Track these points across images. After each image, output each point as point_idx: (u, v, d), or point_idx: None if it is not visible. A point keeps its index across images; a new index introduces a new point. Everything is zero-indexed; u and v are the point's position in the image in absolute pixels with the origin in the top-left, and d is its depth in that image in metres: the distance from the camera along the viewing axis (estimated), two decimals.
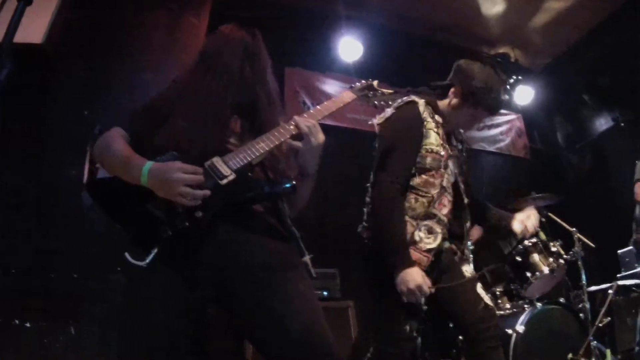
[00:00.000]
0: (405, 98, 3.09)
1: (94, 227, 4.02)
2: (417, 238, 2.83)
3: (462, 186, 3.13)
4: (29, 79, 4.38)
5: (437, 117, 3.05)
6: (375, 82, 2.48)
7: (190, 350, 2.16)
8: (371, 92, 2.43)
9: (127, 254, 1.92)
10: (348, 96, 2.36)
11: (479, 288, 2.94)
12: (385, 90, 2.47)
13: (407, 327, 2.80)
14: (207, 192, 1.90)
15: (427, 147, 2.92)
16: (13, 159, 4.32)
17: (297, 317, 1.91)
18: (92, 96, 4.69)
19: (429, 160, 2.90)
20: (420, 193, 2.89)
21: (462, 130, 3.40)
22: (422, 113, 2.98)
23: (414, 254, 2.79)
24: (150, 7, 5.02)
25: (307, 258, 2.19)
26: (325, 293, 4.67)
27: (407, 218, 2.86)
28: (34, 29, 4.33)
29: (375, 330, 3.09)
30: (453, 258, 3.01)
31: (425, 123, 2.96)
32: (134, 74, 4.52)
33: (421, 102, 3.03)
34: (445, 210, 2.92)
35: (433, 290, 2.73)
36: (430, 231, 2.85)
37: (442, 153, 2.95)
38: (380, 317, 3.02)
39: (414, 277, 2.66)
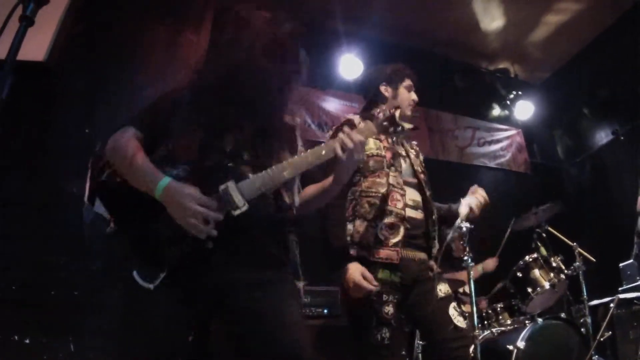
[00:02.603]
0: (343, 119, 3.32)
1: (94, 242, 4.02)
2: (381, 237, 2.96)
3: (423, 183, 3.27)
4: (29, 94, 4.40)
5: None
6: (397, 113, 2.40)
7: None
8: (392, 128, 2.36)
9: (135, 274, 1.96)
10: (370, 131, 2.31)
11: (452, 309, 3.01)
12: (405, 125, 2.40)
13: (379, 336, 2.84)
14: (214, 233, 1.93)
15: (367, 152, 3.13)
16: (14, 173, 4.33)
17: (289, 331, 1.98)
18: (92, 112, 4.71)
19: (371, 163, 3.12)
20: (371, 194, 3.04)
21: (415, 142, 3.62)
22: (358, 125, 3.12)
23: (383, 252, 2.93)
24: (149, 23, 5.05)
25: (300, 284, 2.24)
26: (325, 311, 4.67)
27: (365, 222, 2.99)
28: (36, 47, 4.36)
29: (352, 341, 3.12)
30: (429, 274, 3.09)
31: None
32: (132, 90, 4.55)
33: (356, 117, 3.23)
34: (399, 205, 3.04)
35: (376, 286, 2.82)
36: (391, 227, 2.97)
37: (384, 154, 3.16)
38: (354, 328, 3.08)
39: (352, 275, 2.81)
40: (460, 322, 2.98)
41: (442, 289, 3.07)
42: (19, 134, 4.35)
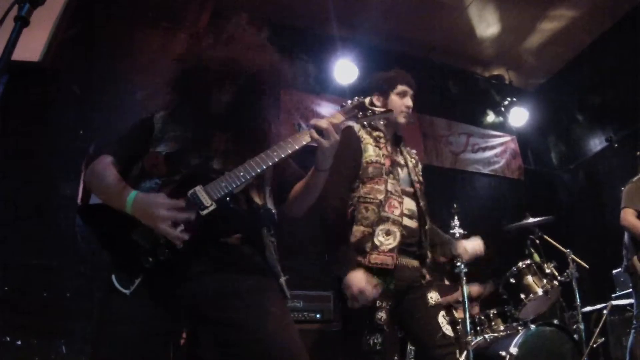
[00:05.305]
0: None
1: (86, 246, 4.02)
2: (377, 242, 2.97)
3: (419, 193, 3.29)
4: (24, 96, 4.40)
5: (375, 133, 3.30)
6: (367, 100, 2.41)
7: None
8: (360, 112, 2.35)
9: (113, 278, 1.97)
10: (337, 118, 2.26)
11: (440, 317, 3.05)
12: (376, 109, 2.38)
13: (371, 341, 2.87)
14: (186, 236, 1.94)
15: (367, 159, 3.17)
16: (8, 176, 4.32)
17: (273, 337, 1.99)
18: (86, 113, 4.71)
19: (370, 169, 3.14)
20: (369, 200, 3.06)
21: (415, 151, 3.62)
22: (358, 132, 3.23)
23: (379, 257, 2.94)
24: (144, 26, 5.05)
25: (282, 280, 2.26)
26: (318, 316, 4.67)
27: (362, 227, 3.02)
28: (31, 47, 4.36)
29: (344, 346, 3.17)
30: (421, 281, 3.13)
31: (362, 139, 3.23)
32: (126, 93, 4.55)
33: (356, 125, 3.19)
34: (397, 212, 3.07)
35: (377, 291, 2.82)
36: (387, 233, 3.00)
37: (383, 161, 3.17)
38: (347, 333, 3.13)
39: (357, 281, 2.80)
40: (448, 330, 3.02)
41: (433, 296, 3.10)
42: (12, 134, 4.34)
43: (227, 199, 2.03)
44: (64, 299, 4.15)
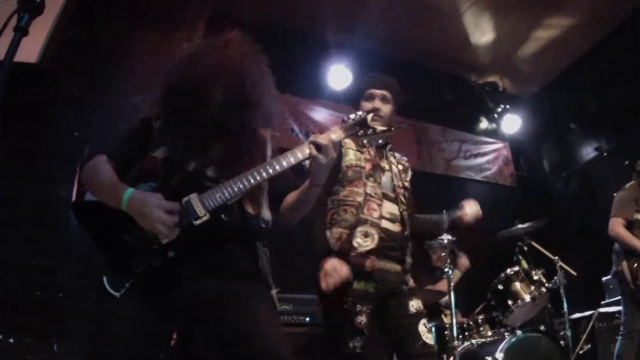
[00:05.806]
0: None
1: (81, 246, 4.04)
2: (355, 244, 3.02)
3: (401, 198, 3.32)
4: (22, 97, 4.42)
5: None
6: (369, 117, 2.34)
7: None
8: (361, 130, 2.30)
9: (105, 280, 2.02)
10: (337, 135, 2.23)
11: (421, 325, 3.07)
12: (378, 128, 2.35)
13: (351, 345, 2.91)
14: (178, 231, 1.99)
15: (347, 163, 3.22)
16: (8, 176, 4.34)
17: (269, 337, 2.04)
18: (83, 115, 4.73)
19: (350, 173, 3.19)
20: (348, 202, 3.12)
21: (405, 158, 3.66)
22: None
23: (356, 258, 3.00)
24: (142, 28, 5.07)
25: (273, 292, 2.30)
26: (307, 319, 4.70)
27: (341, 229, 3.06)
28: (29, 48, 4.38)
29: (329, 349, 3.20)
30: (403, 288, 3.17)
31: (343, 144, 3.25)
32: (124, 95, 4.58)
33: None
34: (375, 214, 3.12)
35: (350, 275, 2.87)
36: (366, 235, 3.05)
37: (363, 165, 3.23)
38: (328, 336, 3.18)
39: (331, 261, 2.87)
40: (428, 338, 3.05)
41: (415, 304, 3.13)
42: (12, 134, 4.36)
43: (221, 213, 2.07)
44: (56, 298, 4.17)
